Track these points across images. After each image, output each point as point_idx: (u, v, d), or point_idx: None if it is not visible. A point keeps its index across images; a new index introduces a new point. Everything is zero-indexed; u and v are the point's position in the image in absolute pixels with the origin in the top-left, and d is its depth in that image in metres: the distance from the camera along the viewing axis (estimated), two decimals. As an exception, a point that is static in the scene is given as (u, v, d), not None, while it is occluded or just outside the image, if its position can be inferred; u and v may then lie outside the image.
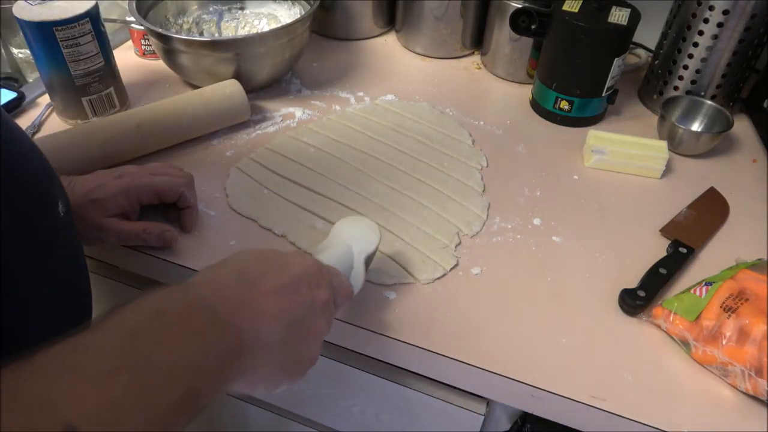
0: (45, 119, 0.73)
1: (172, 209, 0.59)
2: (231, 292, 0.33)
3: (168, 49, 0.73)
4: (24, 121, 0.72)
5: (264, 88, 0.80)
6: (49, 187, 0.40)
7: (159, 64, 0.82)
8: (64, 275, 0.41)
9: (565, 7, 0.72)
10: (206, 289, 0.33)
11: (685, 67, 0.75)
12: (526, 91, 0.83)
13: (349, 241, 0.46)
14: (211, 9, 0.87)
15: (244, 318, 0.32)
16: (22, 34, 0.65)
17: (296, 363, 0.37)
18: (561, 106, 0.76)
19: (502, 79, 0.86)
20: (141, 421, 0.25)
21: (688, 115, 0.75)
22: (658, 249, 0.59)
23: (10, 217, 0.34)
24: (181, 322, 0.29)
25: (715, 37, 0.71)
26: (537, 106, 0.79)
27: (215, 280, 0.34)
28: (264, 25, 0.86)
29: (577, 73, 0.73)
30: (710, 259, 0.59)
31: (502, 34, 0.82)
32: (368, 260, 0.48)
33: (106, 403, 0.24)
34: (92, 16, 0.66)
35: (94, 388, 0.24)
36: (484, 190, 0.66)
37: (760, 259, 0.56)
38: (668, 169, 0.69)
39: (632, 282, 0.55)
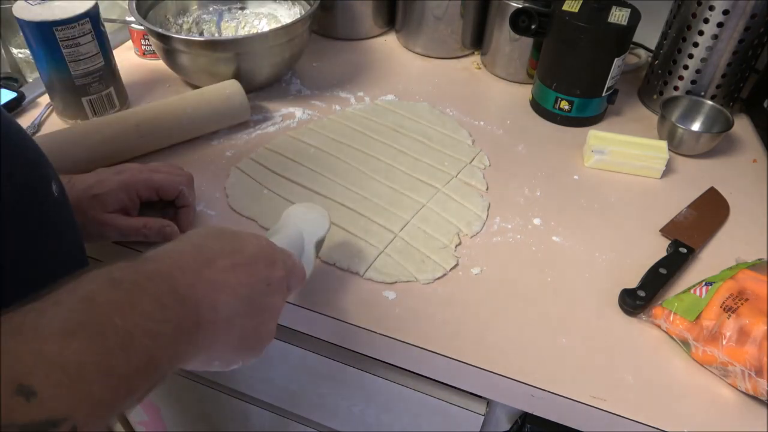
0: (45, 119, 0.73)
1: (170, 209, 0.59)
2: (188, 266, 0.33)
3: (168, 49, 0.73)
4: (24, 121, 0.72)
5: (264, 88, 0.80)
6: (40, 165, 0.39)
7: (159, 64, 0.82)
8: (62, 257, 0.41)
9: (565, 7, 0.72)
10: (163, 262, 0.32)
11: (685, 67, 0.75)
12: (526, 91, 0.83)
13: (300, 225, 0.47)
14: (211, 9, 0.87)
15: (201, 291, 0.32)
16: (22, 34, 0.65)
17: (253, 339, 0.37)
18: (561, 106, 0.76)
19: (502, 79, 0.86)
20: (98, 384, 0.24)
21: (688, 115, 0.75)
22: (658, 249, 0.59)
23: (4, 196, 0.34)
24: (138, 291, 0.29)
25: (715, 37, 0.71)
26: (537, 106, 0.79)
27: (171, 255, 0.34)
28: (264, 25, 0.86)
29: (577, 73, 0.73)
30: (710, 259, 0.59)
31: (502, 34, 0.82)
32: (318, 245, 0.49)
33: (61, 363, 0.23)
34: (92, 16, 0.66)
35: (49, 348, 0.23)
36: (487, 189, 0.66)
37: (760, 259, 0.56)
38: (668, 169, 0.69)
39: (632, 282, 0.55)
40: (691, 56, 0.74)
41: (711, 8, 0.69)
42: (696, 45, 0.72)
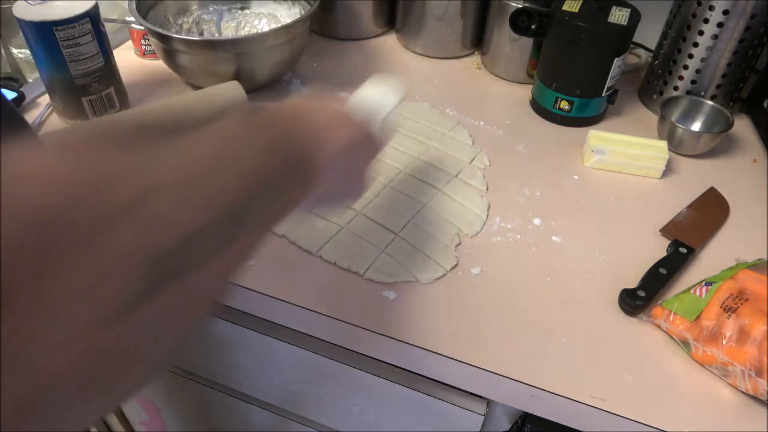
0: (45, 119, 0.73)
1: None
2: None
3: (168, 49, 0.73)
4: (24, 121, 0.72)
5: (264, 88, 0.80)
6: None
7: (159, 64, 0.82)
8: None
9: (565, 7, 0.72)
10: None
11: (685, 67, 0.75)
12: (526, 91, 0.83)
13: (367, 102, 0.49)
14: (211, 9, 0.87)
15: (307, 135, 0.36)
16: (22, 34, 0.65)
17: (352, 181, 0.43)
18: (561, 106, 0.76)
19: (502, 79, 0.86)
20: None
21: (688, 115, 0.75)
22: (658, 249, 0.59)
23: None
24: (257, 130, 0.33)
25: (715, 37, 0.71)
26: (537, 106, 0.79)
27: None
28: (264, 25, 0.86)
29: (577, 73, 0.73)
30: (710, 259, 0.59)
31: (502, 34, 0.82)
32: (385, 120, 0.51)
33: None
34: (92, 16, 0.66)
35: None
36: (487, 189, 0.66)
37: (760, 259, 0.56)
38: (668, 169, 0.69)
39: (632, 282, 0.55)
40: (691, 56, 0.74)
41: (711, 8, 0.69)
42: (696, 45, 0.72)
